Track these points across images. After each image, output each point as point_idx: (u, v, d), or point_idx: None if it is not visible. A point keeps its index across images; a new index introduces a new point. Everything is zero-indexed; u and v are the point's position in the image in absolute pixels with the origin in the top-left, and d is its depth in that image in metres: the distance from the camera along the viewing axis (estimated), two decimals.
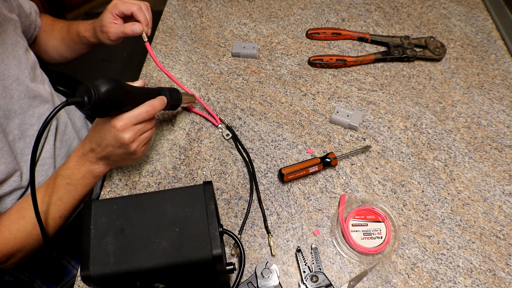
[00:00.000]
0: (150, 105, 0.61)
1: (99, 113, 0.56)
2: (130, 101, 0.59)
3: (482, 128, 0.80)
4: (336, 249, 0.66)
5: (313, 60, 0.90)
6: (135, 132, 0.60)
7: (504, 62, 0.91)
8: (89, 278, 0.45)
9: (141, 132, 0.62)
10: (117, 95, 0.55)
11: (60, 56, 0.89)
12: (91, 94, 0.52)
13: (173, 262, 0.47)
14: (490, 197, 0.71)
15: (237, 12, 1.03)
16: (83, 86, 0.54)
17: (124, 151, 0.62)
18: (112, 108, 0.56)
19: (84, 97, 0.53)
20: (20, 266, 0.82)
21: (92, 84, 0.53)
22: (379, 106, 0.84)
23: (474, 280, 0.63)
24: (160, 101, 0.63)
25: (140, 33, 0.71)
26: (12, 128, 0.68)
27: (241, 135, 0.80)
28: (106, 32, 0.73)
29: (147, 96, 0.62)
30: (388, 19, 1.01)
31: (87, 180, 0.66)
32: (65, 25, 0.86)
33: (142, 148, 0.64)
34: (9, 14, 0.72)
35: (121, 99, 0.57)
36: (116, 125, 0.58)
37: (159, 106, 0.63)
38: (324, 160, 0.73)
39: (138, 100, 0.61)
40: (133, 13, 0.71)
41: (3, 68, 0.67)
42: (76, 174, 0.65)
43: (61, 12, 2.28)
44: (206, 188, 0.52)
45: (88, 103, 0.53)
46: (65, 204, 0.66)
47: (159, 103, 0.63)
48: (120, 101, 0.57)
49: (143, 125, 0.62)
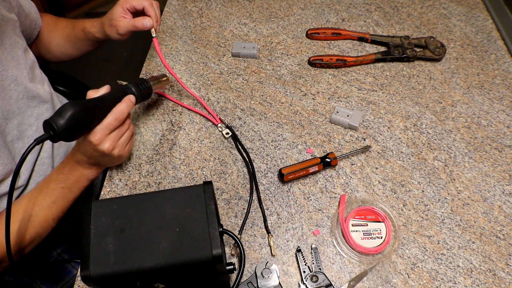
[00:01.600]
0: (117, 112, 0.62)
1: (71, 139, 0.58)
2: (96, 117, 0.60)
3: (482, 128, 0.80)
4: (336, 249, 0.66)
5: (313, 60, 0.90)
6: (111, 140, 0.62)
7: (504, 62, 0.91)
8: (89, 278, 0.45)
9: (118, 138, 0.64)
10: (81, 118, 0.57)
11: (64, 54, 0.90)
12: (54, 128, 0.54)
13: (173, 262, 0.47)
14: (490, 197, 0.71)
15: (237, 12, 1.03)
16: (45, 122, 0.55)
17: (110, 158, 0.65)
18: (81, 130, 0.58)
19: (49, 132, 0.55)
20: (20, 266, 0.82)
21: (52, 118, 0.55)
22: (379, 106, 0.84)
23: (474, 280, 0.63)
24: (127, 103, 0.64)
25: (150, 27, 0.73)
26: (10, 128, 0.68)
27: (241, 135, 0.80)
28: (116, 26, 0.74)
29: (113, 102, 0.63)
30: (388, 19, 1.01)
31: (82, 183, 0.68)
32: (70, 22, 0.87)
33: (125, 149, 0.67)
34: (8, 14, 0.72)
35: (87, 119, 0.58)
36: (92, 140, 0.61)
37: (126, 109, 0.64)
38: (324, 160, 0.73)
39: (105, 111, 0.62)
40: (145, 8, 0.73)
41: (2, 69, 0.67)
42: (71, 179, 0.67)
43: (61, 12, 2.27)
44: (206, 188, 0.52)
45: (55, 136, 0.55)
46: (58, 207, 0.67)
47: (126, 106, 0.64)
48: (86, 122, 0.58)
49: (118, 131, 0.63)
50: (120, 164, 0.75)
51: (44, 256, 0.85)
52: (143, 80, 0.72)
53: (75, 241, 0.88)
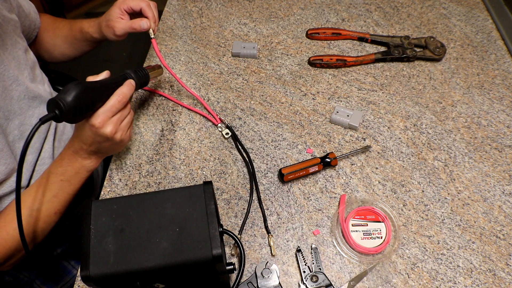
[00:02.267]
0: (120, 94, 0.62)
1: (75, 120, 0.58)
2: (99, 98, 0.60)
3: (482, 128, 0.80)
4: (336, 249, 0.66)
5: (313, 60, 0.90)
6: (114, 123, 0.62)
7: (504, 62, 0.91)
8: (89, 278, 0.45)
9: (120, 121, 0.63)
10: (85, 98, 0.57)
11: (62, 54, 0.90)
12: (61, 106, 0.54)
13: (173, 262, 0.47)
14: (490, 197, 0.71)
15: (237, 12, 1.03)
16: (51, 101, 0.55)
17: (111, 143, 0.64)
18: (85, 110, 0.58)
19: (55, 111, 0.55)
20: (20, 266, 0.82)
21: (58, 96, 0.55)
22: (379, 106, 0.84)
23: (474, 280, 0.63)
24: (128, 86, 0.64)
25: (147, 29, 0.73)
26: (12, 128, 0.68)
27: (241, 135, 0.80)
28: (113, 27, 0.74)
29: (115, 86, 0.63)
30: (388, 19, 1.01)
31: (81, 175, 0.67)
32: (67, 23, 0.87)
33: (127, 134, 0.66)
34: (9, 14, 0.72)
35: (91, 100, 0.58)
36: (95, 123, 0.60)
37: (129, 92, 0.64)
38: (324, 160, 0.73)
39: (107, 94, 0.62)
40: (142, 9, 0.73)
41: (3, 69, 0.67)
42: (70, 171, 0.65)
43: (61, 12, 2.28)
44: (206, 188, 0.52)
45: (61, 115, 0.55)
46: (60, 200, 0.66)
47: (128, 89, 0.64)
48: (90, 103, 0.58)
49: (120, 114, 0.63)
50: (120, 164, 0.75)
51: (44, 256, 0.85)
52: (141, 68, 0.72)
53: (75, 241, 0.88)
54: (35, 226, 0.64)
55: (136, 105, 0.84)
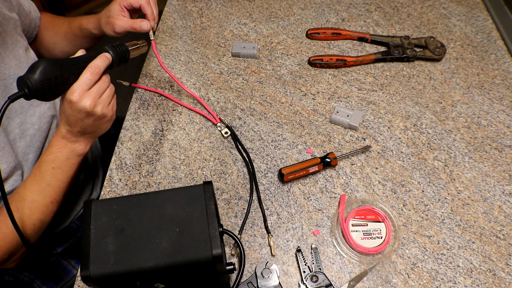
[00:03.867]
0: (93, 66, 0.60)
1: (46, 97, 0.56)
2: (70, 72, 0.58)
3: (482, 128, 0.80)
4: (336, 249, 0.66)
5: (313, 60, 0.90)
6: (92, 96, 0.59)
7: (504, 62, 0.91)
8: (89, 278, 0.45)
9: (99, 94, 0.61)
10: (53, 72, 0.55)
11: (62, 52, 0.90)
12: (28, 83, 0.53)
13: (173, 262, 0.47)
14: (490, 197, 0.71)
15: (237, 12, 1.03)
16: (19, 79, 0.54)
17: (94, 119, 0.61)
18: (55, 86, 0.56)
19: (24, 89, 0.53)
20: (20, 266, 0.82)
21: (25, 74, 0.54)
22: (379, 106, 0.84)
23: (474, 280, 0.63)
24: (101, 58, 0.62)
25: (147, 31, 0.73)
26: (13, 127, 0.68)
27: (241, 135, 0.80)
28: (113, 24, 0.73)
29: (90, 59, 0.61)
30: (388, 19, 1.01)
31: (72, 160, 0.65)
32: (67, 20, 0.87)
33: (109, 108, 0.63)
34: (9, 13, 0.73)
35: (59, 73, 0.56)
36: (72, 98, 0.58)
37: (102, 64, 0.61)
38: (324, 160, 0.73)
39: (80, 69, 0.60)
40: (142, 6, 0.72)
41: (4, 68, 0.67)
42: (60, 157, 0.64)
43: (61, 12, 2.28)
44: (206, 188, 0.52)
45: (30, 93, 0.53)
46: (54, 188, 0.65)
47: (101, 61, 0.61)
48: (59, 76, 0.56)
49: (97, 86, 0.61)
50: (120, 164, 0.75)
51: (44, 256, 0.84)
52: (120, 44, 0.69)
53: (75, 241, 0.88)
54: (33, 217, 0.64)
55: (136, 105, 0.84)
